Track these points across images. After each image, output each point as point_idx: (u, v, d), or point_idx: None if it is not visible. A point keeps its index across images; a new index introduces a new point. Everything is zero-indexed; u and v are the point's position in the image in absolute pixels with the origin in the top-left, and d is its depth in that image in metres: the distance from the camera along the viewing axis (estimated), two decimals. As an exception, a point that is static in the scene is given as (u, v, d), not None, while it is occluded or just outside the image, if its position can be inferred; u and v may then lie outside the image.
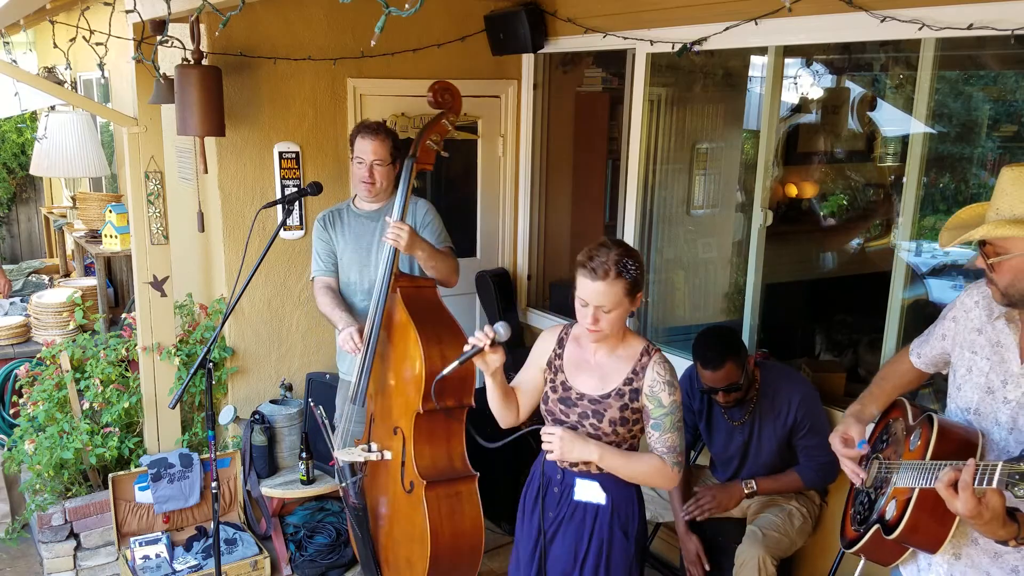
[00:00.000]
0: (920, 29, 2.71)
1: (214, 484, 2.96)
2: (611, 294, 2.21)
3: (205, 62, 3.58)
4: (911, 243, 3.09)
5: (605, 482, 2.38)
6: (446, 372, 2.37)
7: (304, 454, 3.77)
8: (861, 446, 2.13)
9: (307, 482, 3.80)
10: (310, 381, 4.02)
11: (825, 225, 5.22)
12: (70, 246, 6.50)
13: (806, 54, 4.52)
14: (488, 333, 2.28)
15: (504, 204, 4.76)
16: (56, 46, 4.37)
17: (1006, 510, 1.67)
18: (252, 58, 3.81)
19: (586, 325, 2.27)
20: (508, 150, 4.67)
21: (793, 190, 5.06)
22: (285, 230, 4.00)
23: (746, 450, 3.19)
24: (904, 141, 3.95)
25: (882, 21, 2.75)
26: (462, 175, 4.66)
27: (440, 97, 3.20)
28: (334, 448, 3.21)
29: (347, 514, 3.42)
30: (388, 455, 3.12)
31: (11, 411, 4.85)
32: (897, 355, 2.31)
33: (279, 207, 3.62)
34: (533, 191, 4.70)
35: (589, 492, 2.39)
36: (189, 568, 3.68)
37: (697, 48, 3.47)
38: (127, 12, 3.49)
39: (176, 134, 3.71)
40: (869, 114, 5.01)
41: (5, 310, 5.52)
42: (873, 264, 4.83)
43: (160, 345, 3.99)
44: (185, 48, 3.60)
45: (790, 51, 3.51)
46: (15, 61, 5.12)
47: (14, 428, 4.29)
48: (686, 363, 3.33)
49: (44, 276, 6.54)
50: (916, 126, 2.98)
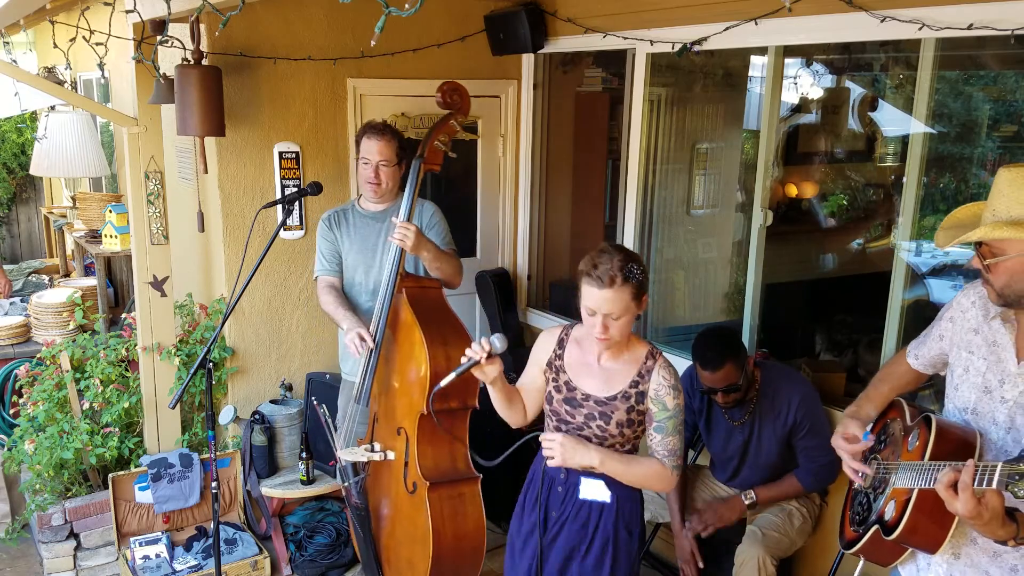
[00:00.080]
0: (920, 29, 2.71)
1: (214, 484, 2.96)
2: (619, 300, 2.22)
3: (205, 62, 3.58)
4: (911, 243, 3.09)
5: (609, 480, 2.38)
6: (443, 384, 2.38)
7: (304, 454, 3.77)
8: (866, 437, 2.12)
9: (307, 482, 3.80)
10: (310, 381, 4.02)
11: (825, 225, 5.22)
12: (70, 246, 6.50)
13: (806, 54, 4.52)
14: (484, 346, 2.29)
15: (504, 204, 4.76)
16: (56, 46, 4.37)
17: (1005, 510, 1.67)
18: (252, 58, 3.81)
19: (596, 335, 2.27)
20: (508, 150, 4.67)
21: (793, 190, 5.07)
22: (285, 230, 4.00)
23: (745, 450, 3.20)
24: (904, 141, 3.95)
25: (882, 21, 2.75)
26: (462, 175, 4.66)
27: (449, 98, 3.19)
28: (337, 447, 3.21)
29: (349, 514, 3.42)
30: (391, 455, 3.11)
31: (11, 411, 4.85)
32: (894, 357, 2.31)
33: (279, 207, 3.62)
34: (533, 191, 4.70)
35: (594, 490, 2.39)
36: (189, 568, 3.68)
37: (697, 48, 3.47)
38: (127, 12, 3.49)
39: (176, 134, 3.71)
40: (870, 114, 5.01)
41: (5, 310, 5.52)
42: (873, 264, 4.83)
43: (160, 345, 3.99)
44: (185, 48, 3.60)
45: (790, 51, 3.51)
46: (15, 61, 5.12)
47: (14, 428, 4.29)
48: (686, 363, 3.33)
49: (44, 276, 6.54)
50: (916, 126, 2.98)
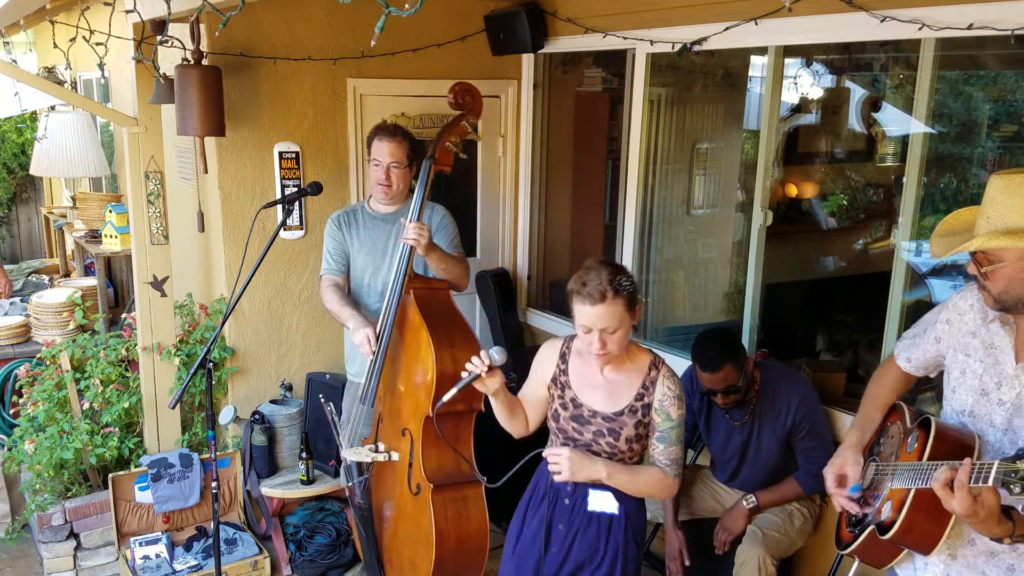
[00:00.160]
0: (920, 29, 2.71)
1: (214, 484, 2.96)
2: (613, 314, 2.22)
3: (205, 62, 3.58)
4: (911, 243, 3.09)
5: (617, 492, 2.39)
6: (445, 399, 2.39)
7: (304, 454, 3.77)
8: (855, 490, 2.11)
9: (307, 482, 3.80)
10: (310, 381, 4.02)
11: (825, 225, 5.22)
12: (70, 246, 6.50)
13: (806, 54, 4.52)
14: (484, 359, 2.30)
15: (504, 204, 4.76)
16: (56, 46, 4.36)
17: (1001, 508, 1.68)
18: (252, 58, 3.81)
19: (595, 351, 2.27)
20: (508, 150, 4.67)
21: (793, 190, 5.07)
22: (285, 230, 4.00)
23: (745, 450, 3.19)
24: (904, 141, 3.95)
25: (882, 21, 2.75)
26: (462, 175, 4.65)
27: (461, 99, 3.18)
28: (342, 446, 3.20)
29: (352, 513, 3.41)
30: (395, 456, 3.10)
31: (11, 411, 4.85)
32: (883, 366, 2.30)
33: (279, 207, 3.62)
34: (533, 191, 4.70)
35: (603, 502, 2.40)
36: (189, 568, 3.68)
37: (697, 48, 3.47)
38: (127, 12, 3.49)
39: (176, 134, 3.71)
40: (873, 115, 5.01)
41: (5, 310, 5.52)
42: (873, 264, 4.84)
43: (160, 345, 3.99)
44: (185, 48, 3.60)
45: (790, 51, 3.51)
46: (15, 61, 5.12)
47: (14, 428, 4.29)
48: (686, 363, 3.33)
49: (44, 276, 6.54)
50: (916, 126, 2.98)
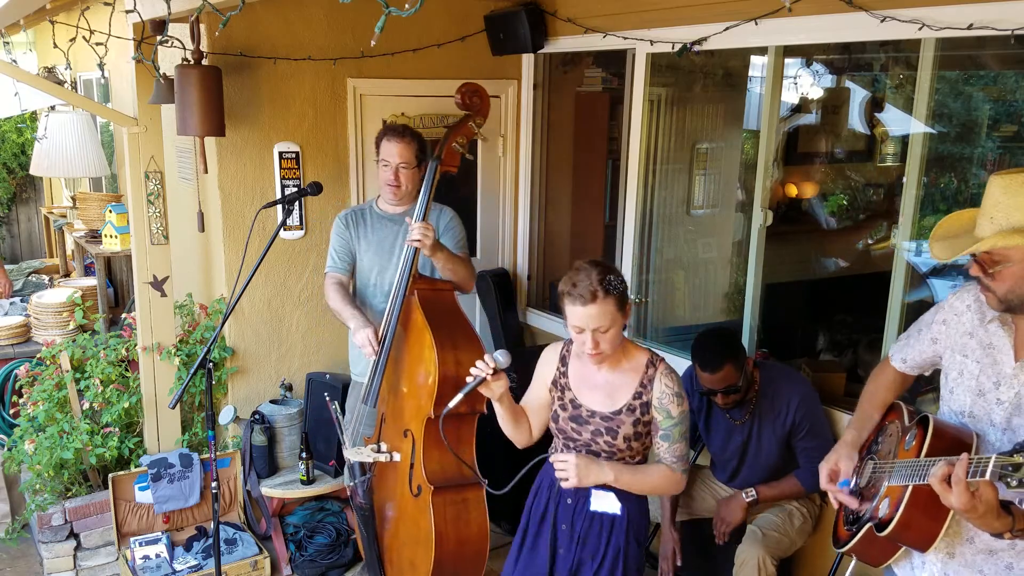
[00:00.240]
0: (920, 29, 2.71)
1: (214, 484, 2.96)
2: (604, 313, 2.23)
3: (205, 62, 3.58)
4: (911, 243, 3.09)
5: (620, 492, 2.39)
6: (451, 406, 2.38)
7: (304, 454, 3.76)
8: (844, 485, 2.11)
9: (307, 482, 3.80)
10: (310, 381, 4.02)
11: (825, 225, 5.22)
12: (70, 246, 6.50)
13: (806, 54, 4.52)
14: (489, 363, 2.31)
15: (504, 204, 4.76)
16: (56, 46, 4.36)
17: (1000, 503, 1.67)
18: (252, 58, 3.81)
19: (587, 351, 2.28)
20: (508, 150, 4.67)
21: (793, 190, 5.07)
22: (285, 230, 4.00)
23: (745, 450, 3.19)
24: (904, 141, 3.94)
25: (882, 21, 2.75)
26: (462, 175, 4.61)
27: (469, 100, 3.18)
28: (345, 445, 3.21)
29: (353, 513, 3.41)
30: (397, 457, 3.10)
31: (11, 411, 4.85)
32: (878, 368, 2.30)
33: (279, 207, 3.62)
34: (533, 191, 4.70)
35: (605, 503, 2.40)
36: (189, 568, 3.68)
37: (697, 48, 3.47)
38: (127, 12, 3.49)
39: (176, 134, 3.71)
40: (876, 115, 5.01)
41: (5, 310, 5.52)
42: (873, 264, 4.83)
43: (160, 345, 3.99)
44: (185, 48, 3.60)
45: (790, 51, 3.51)
46: (15, 61, 5.12)
47: (14, 428, 4.29)
48: (686, 363, 3.33)
49: (44, 276, 6.54)
50: (916, 126, 2.98)
